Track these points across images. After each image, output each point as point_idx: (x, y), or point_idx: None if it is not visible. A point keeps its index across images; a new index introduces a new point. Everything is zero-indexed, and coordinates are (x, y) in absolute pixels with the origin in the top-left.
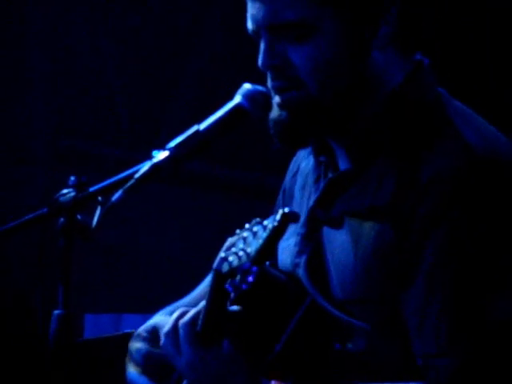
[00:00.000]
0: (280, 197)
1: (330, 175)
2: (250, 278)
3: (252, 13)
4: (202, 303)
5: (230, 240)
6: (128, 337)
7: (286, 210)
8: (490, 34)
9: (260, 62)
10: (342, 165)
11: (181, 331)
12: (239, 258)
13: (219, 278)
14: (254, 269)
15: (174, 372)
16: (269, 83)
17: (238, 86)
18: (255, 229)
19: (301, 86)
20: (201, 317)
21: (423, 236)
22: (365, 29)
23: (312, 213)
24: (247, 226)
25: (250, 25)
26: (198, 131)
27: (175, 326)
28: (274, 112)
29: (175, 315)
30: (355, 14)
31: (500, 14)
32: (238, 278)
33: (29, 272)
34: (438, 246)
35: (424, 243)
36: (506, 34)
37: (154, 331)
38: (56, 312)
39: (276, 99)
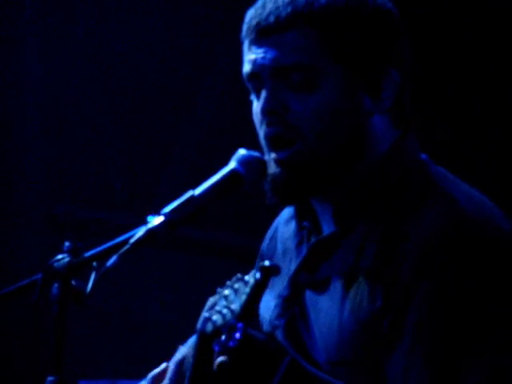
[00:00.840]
0: (266, 243)
1: (313, 239)
2: (237, 335)
3: (256, 56)
4: (187, 364)
5: (211, 299)
6: None
7: (267, 263)
8: (490, 39)
9: (260, 106)
10: (326, 228)
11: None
12: (223, 315)
13: (204, 339)
14: (240, 325)
15: None
16: (264, 130)
17: (234, 151)
18: (236, 286)
19: (298, 137)
20: (187, 379)
21: (407, 300)
22: (368, 89)
23: (295, 277)
24: (228, 283)
25: (250, 68)
26: (193, 196)
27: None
28: (272, 168)
29: (174, 360)
30: (360, 73)
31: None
32: (224, 336)
33: (23, 337)
34: (420, 311)
35: (407, 308)
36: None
37: None
38: (49, 379)
39: (272, 155)
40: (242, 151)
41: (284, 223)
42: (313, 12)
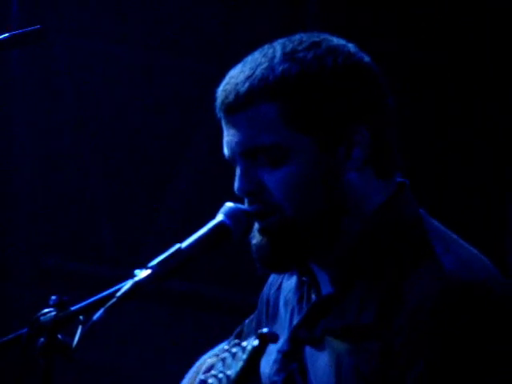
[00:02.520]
0: (263, 308)
1: (313, 297)
2: None
3: (227, 139)
4: None
5: (208, 361)
6: None
7: (265, 330)
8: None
9: (236, 187)
10: (324, 288)
11: None
12: (219, 380)
13: None
14: None
15: None
16: (246, 205)
17: (220, 205)
18: (234, 350)
19: (276, 210)
20: None
21: (404, 364)
22: (336, 151)
23: (295, 333)
24: (226, 347)
25: (226, 151)
26: (179, 249)
27: None
28: (256, 238)
29: None
30: (326, 138)
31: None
32: None
33: None
34: (417, 377)
35: (405, 372)
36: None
37: None
38: None
39: (256, 225)
40: (228, 204)
41: (287, 276)
42: (268, 85)
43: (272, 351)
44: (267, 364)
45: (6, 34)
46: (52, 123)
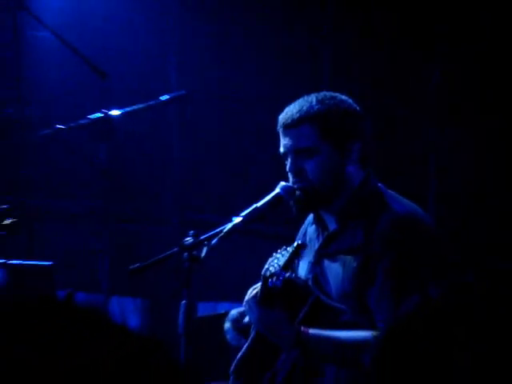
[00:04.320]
0: (300, 235)
1: (325, 233)
2: (281, 278)
3: (283, 143)
4: (258, 289)
5: (270, 259)
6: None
7: (299, 242)
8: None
9: (288, 169)
10: (331, 226)
11: (251, 300)
12: (274, 267)
13: (265, 279)
14: (283, 273)
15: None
16: (291, 178)
17: (277, 183)
18: (283, 252)
19: (307, 180)
20: (258, 295)
21: (377, 261)
22: (343, 153)
23: (318, 251)
24: (279, 250)
25: (282, 150)
26: (256, 207)
27: (248, 298)
28: (295, 196)
29: (250, 292)
30: (338, 146)
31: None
32: (274, 278)
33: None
34: (384, 266)
35: (378, 265)
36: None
37: (239, 313)
38: (183, 302)
39: (296, 187)
40: (282, 182)
41: (309, 224)
42: (310, 114)
43: (305, 262)
44: (303, 270)
45: (167, 96)
46: None
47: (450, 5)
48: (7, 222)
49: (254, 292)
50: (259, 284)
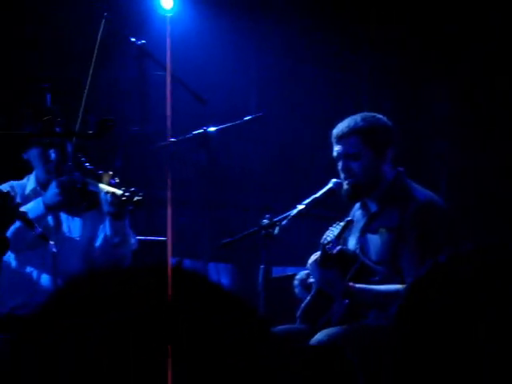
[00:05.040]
0: (345, 219)
1: (368, 214)
2: (335, 246)
3: (336, 149)
4: (318, 255)
5: (326, 232)
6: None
7: (349, 218)
8: None
9: (339, 169)
10: (372, 209)
11: (313, 263)
12: (330, 237)
13: (323, 246)
14: (337, 242)
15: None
16: (341, 175)
17: (330, 179)
18: (337, 226)
19: (354, 176)
20: (318, 259)
21: (407, 235)
22: (381, 157)
23: (363, 228)
24: (334, 225)
25: (335, 155)
26: (315, 197)
27: (311, 261)
28: (344, 187)
29: (312, 257)
30: (376, 151)
31: None
32: (330, 244)
33: None
34: (412, 238)
35: (407, 237)
36: None
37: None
38: (261, 266)
39: (345, 182)
40: (334, 179)
41: (356, 210)
42: (356, 129)
43: (353, 238)
44: (352, 243)
45: (249, 117)
46: None
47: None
48: (137, 198)
49: (315, 257)
50: (318, 252)
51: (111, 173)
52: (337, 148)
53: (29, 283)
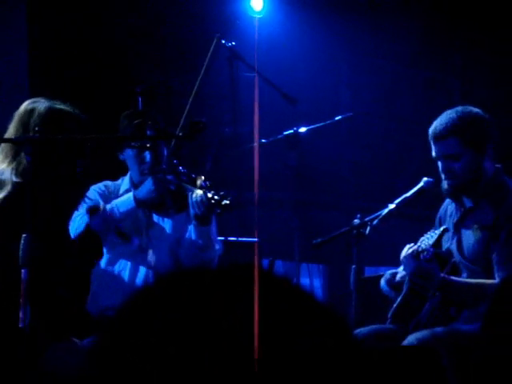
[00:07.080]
0: (437, 220)
1: (462, 209)
2: (430, 252)
3: (435, 150)
4: (413, 247)
5: (421, 238)
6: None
7: (445, 227)
8: None
9: (440, 169)
10: (467, 204)
11: (408, 256)
12: (425, 244)
13: (417, 253)
14: (431, 249)
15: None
16: (443, 176)
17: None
18: (431, 233)
19: (456, 177)
20: (412, 254)
21: (500, 231)
22: (482, 154)
23: (457, 223)
24: (428, 233)
25: (434, 154)
26: (406, 196)
27: (405, 254)
28: (444, 185)
29: (404, 250)
30: (477, 149)
31: None
32: (425, 252)
33: None
34: (504, 235)
35: (500, 235)
36: None
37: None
38: (353, 266)
39: (446, 181)
40: (425, 178)
41: (449, 204)
42: (454, 129)
43: (449, 235)
44: (445, 240)
45: (339, 117)
46: None
47: None
48: (224, 202)
49: (410, 250)
50: (411, 244)
51: (203, 177)
52: (436, 148)
53: (122, 284)
